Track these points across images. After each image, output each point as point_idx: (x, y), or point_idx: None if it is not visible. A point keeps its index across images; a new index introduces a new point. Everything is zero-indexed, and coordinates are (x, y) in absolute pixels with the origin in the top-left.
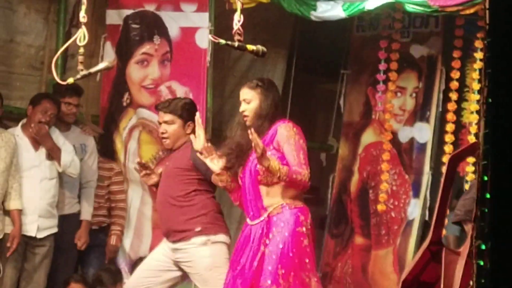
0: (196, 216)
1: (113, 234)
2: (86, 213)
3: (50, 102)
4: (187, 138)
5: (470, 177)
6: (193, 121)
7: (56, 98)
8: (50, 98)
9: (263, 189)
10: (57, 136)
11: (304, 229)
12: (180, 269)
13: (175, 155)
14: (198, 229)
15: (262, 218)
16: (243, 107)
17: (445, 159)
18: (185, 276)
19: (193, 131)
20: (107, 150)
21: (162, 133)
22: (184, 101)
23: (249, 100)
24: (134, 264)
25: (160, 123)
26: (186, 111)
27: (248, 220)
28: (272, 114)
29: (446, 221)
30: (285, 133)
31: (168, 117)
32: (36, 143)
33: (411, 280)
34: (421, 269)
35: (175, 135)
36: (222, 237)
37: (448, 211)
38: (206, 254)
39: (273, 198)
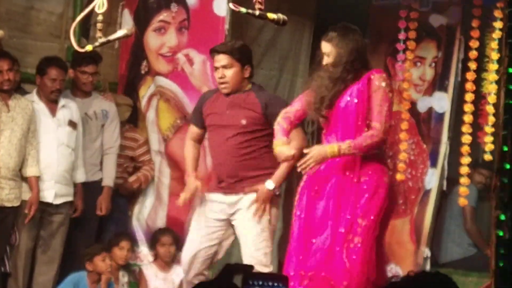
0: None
1: (135, 175)
2: (108, 179)
3: (56, 69)
4: (245, 83)
5: (489, 147)
6: (250, 64)
7: (62, 62)
8: (56, 65)
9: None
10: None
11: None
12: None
13: (234, 103)
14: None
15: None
16: (324, 60)
17: (464, 129)
18: None
19: (251, 75)
20: (130, 119)
21: (221, 77)
22: (240, 43)
23: (328, 53)
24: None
25: (216, 68)
26: (243, 54)
27: None
28: (355, 61)
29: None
30: (377, 83)
31: (225, 60)
32: (53, 108)
33: None
34: None
35: (234, 78)
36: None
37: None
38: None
39: None
